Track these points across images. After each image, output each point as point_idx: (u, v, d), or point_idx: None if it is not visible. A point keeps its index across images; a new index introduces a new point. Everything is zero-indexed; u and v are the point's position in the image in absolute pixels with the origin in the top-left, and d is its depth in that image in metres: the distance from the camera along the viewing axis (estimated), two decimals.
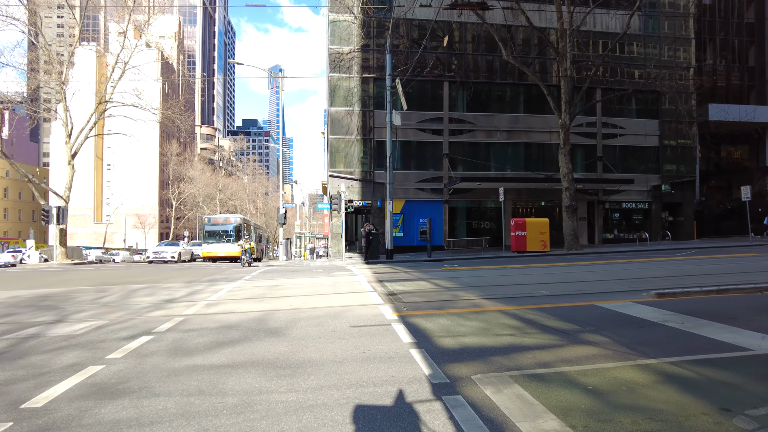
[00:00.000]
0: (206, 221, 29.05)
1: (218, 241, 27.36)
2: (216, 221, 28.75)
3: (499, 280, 11.07)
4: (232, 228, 27.60)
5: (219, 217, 29.83)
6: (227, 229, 27.66)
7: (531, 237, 22.59)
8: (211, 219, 29.13)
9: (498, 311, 6.84)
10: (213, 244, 27.38)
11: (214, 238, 27.63)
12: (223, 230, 27.80)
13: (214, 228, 28.18)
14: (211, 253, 27.15)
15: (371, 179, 27.17)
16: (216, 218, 29.23)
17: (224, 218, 28.96)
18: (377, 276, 12.53)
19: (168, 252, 28.27)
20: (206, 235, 28.16)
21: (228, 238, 27.02)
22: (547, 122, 28.80)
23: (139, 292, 10.38)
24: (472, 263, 17.48)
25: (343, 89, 27.22)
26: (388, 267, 16.67)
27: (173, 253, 28.13)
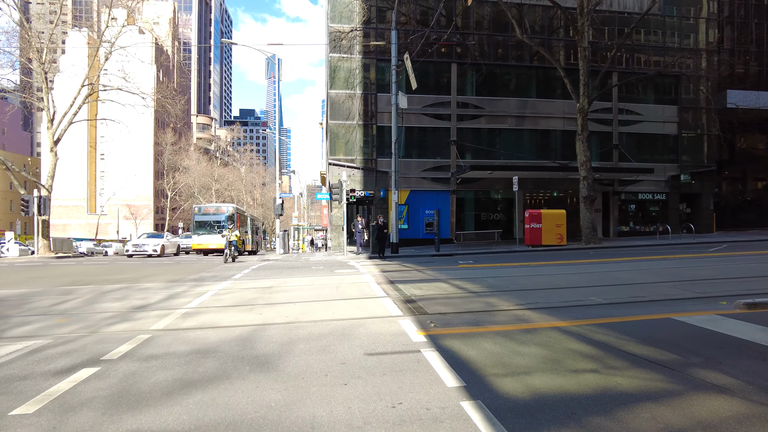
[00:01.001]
0: (196, 210, 27.10)
1: (209, 233, 25.49)
2: (207, 211, 26.81)
3: (530, 281, 9.53)
4: (225, 218, 25.64)
5: (210, 206, 27.82)
6: (219, 219, 25.74)
7: (546, 230, 21.07)
8: (201, 208, 27.14)
9: (554, 329, 5.31)
10: (204, 236, 25.55)
11: (204, 229, 25.76)
12: (214, 221, 25.85)
13: (204, 218, 26.29)
14: (202, 245, 25.37)
15: (374, 168, 25.54)
16: (207, 208, 27.33)
17: (216, 207, 27.10)
18: (386, 275, 10.99)
19: (150, 245, 25.17)
20: (196, 226, 26.26)
21: (220, 229, 25.02)
22: (560, 107, 27.16)
23: (110, 295, 8.84)
24: (487, 259, 15.94)
25: (343, 71, 25.47)
26: (396, 263, 15.12)
27: (155, 245, 25.11)
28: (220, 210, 26.68)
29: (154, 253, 24.59)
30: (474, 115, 26.45)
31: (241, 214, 29.08)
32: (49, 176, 25.25)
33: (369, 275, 11.04)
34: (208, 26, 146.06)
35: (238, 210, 27.77)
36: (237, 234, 17.17)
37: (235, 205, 27.87)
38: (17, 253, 26.45)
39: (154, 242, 25.51)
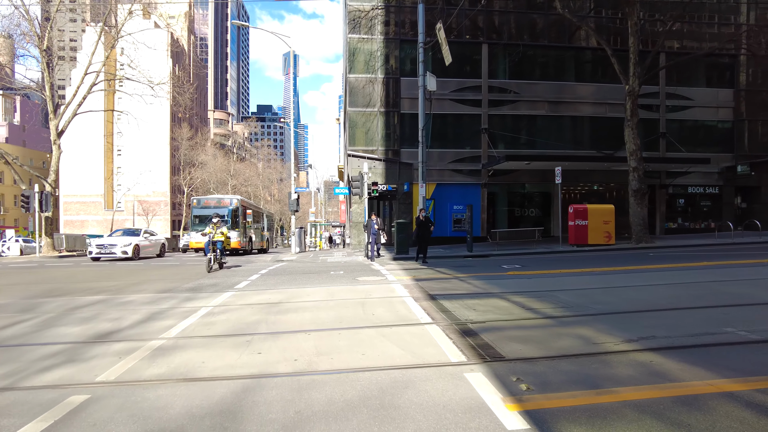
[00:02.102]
0: (194, 203, 23.87)
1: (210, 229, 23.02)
2: (207, 204, 23.53)
3: (614, 297, 7.34)
4: (228, 212, 22.57)
5: (211, 198, 24.52)
6: (221, 213, 21.99)
7: (593, 227, 18.76)
8: (200, 201, 23.93)
9: (727, 398, 3.19)
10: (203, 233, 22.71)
11: (204, 225, 21.75)
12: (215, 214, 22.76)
13: (204, 212, 23.00)
14: (201, 244, 21.78)
15: (397, 159, 23.45)
16: (207, 200, 24.05)
17: (217, 200, 23.74)
18: (422, 285, 8.93)
19: (119, 245, 19.48)
20: (195, 221, 23.16)
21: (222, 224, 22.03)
22: (600, 92, 24.62)
23: (78, 314, 7.01)
24: (534, 263, 13.74)
25: (363, 53, 23.40)
26: (427, 267, 13.03)
27: (126, 246, 19.55)
28: (222, 202, 23.38)
29: (124, 256, 19.47)
30: (507, 101, 24.12)
31: (249, 207, 25.97)
32: (52, 170, 23.86)
33: (400, 285, 9.00)
34: (224, 21, 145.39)
35: (244, 202, 24.76)
36: (224, 231, 13.35)
37: (240, 197, 24.41)
38: (18, 252, 25.19)
39: (124, 242, 19.87)
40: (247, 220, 24.34)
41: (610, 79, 24.80)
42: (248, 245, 24.70)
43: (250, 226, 25.24)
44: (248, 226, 24.63)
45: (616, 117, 24.61)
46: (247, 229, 24.42)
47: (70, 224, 75.78)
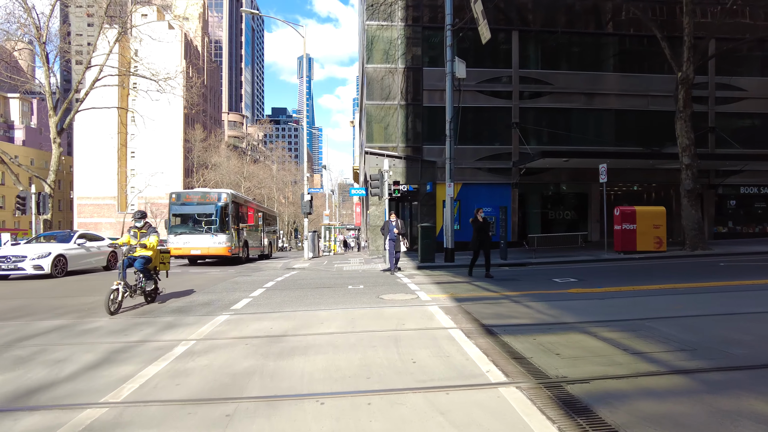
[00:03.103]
0: (173, 199, 18.63)
1: (192, 231, 17.88)
2: (189, 199, 18.56)
3: (747, 333, 5.27)
4: (216, 210, 17.96)
5: (194, 192, 19.50)
6: (207, 211, 18.05)
7: (642, 232, 16.58)
8: (180, 196, 18.77)
9: None
10: (184, 236, 17.80)
11: (186, 226, 18.15)
12: (200, 213, 18.15)
13: (185, 210, 18.42)
14: (182, 250, 17.75)
15: (418, 156, 21.53)
16: (189, 195, 18.94)
17: (202, 194, 18.89)
18: (467, 308, 6.99)
19: (29, 257, 13.22)
20: (174, 222, 18.30)
21: (209, 225, 17.95)
22: (643, 83, 22.38)
23: (20, 348, 5.27)
24: (586, 274, 11.69)
25: (382, 41, 21.55)
26: (463, 279, 11.06)
27: (39, 259, 13.28)
28: (208, 198, 18.38)
29: (37, 273, 13.16)
30: (539, 93, 22.03)
31: (245, 204, 21.14)
32: (52, 170, 22.47)
33: (437, 307, 7.08)
34: (238, 24, 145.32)
35: (237, 198, 19.61)
36: (153, 242, 7.90)
37: (232, 191, 19.44)
38: None
39: (39, 251, 13.50)
40: (242, 220, 19.96)
41: (652, 68, 22.60)
42: (243, 251, 19.76)
43: (246, 229, 20.82)
44: (243, 229, 20.01)
45: (658, 110, 22.39)
46: (242, 232, 19.65)
47: (83, 227, 75.37)
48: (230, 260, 18.87)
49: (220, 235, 17.75)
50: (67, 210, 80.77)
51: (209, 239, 17.74)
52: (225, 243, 17.76)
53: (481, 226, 11.32)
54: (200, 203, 18.39)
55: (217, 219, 17.88)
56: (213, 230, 17.84)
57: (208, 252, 17.86)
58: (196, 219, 18.21)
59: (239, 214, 19.62)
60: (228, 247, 17.80)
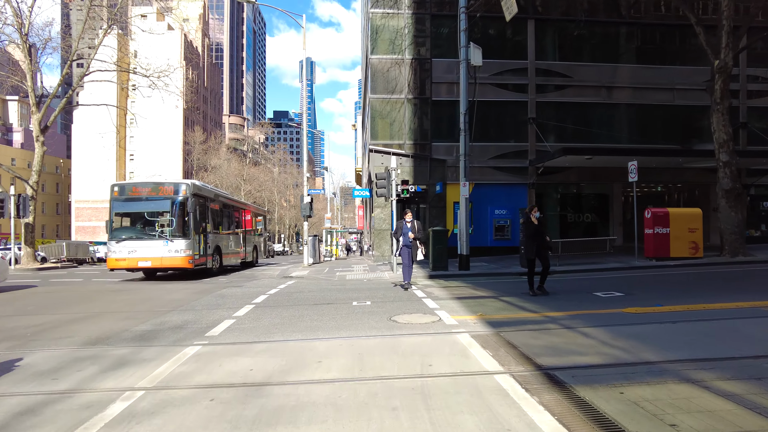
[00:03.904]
0: (116, 192, 14.06)
1: (141, 236, 13.66)
2: (136, 192, 14.08)
3: None
4: (173, 206, 13.70)
5: (143, 184, 14.72)
6: (161, 209, 13.83)
7: (676, 236, 14.98)
8: (125, 188, 14.20)
9: None
10: (130, 242, 13.50)
11: (133, 230, 13.98)
12: (152, 212, 13.92)
13: (132, 207, 14.13)
14: (126, 262, 13.48)
15: (427, 154, 19.95)
16: (137, 186, 14.33)
17: (154, 185, 14.32)
18: (508, 338, 5.41)
19: None
20: (117, 223, 14.09)
21: (162, 227, 13.66)
22: (669, 76, 20.80)
23: None
24: (625, 284, 10.09)
25: (388, 31, 20.02)
26: (490, 295, 9.47)
27: None
28: (162, 190, 14.05)
29: None
30: (557, 86, 20.43)
31: (215, 199, 16.67)
32: (34, 171, 21.00)
33: (469, 336, 5.50)
34: (240, 26, 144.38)
35: (203, 191, 15.23)
36: None
37: (194, 181, 15.07)
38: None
39: None
40: (212, 220, 15.85)
41: (678, 60, 21.04)
42: (213, 260, 15.63)
43: (219, 231, 16.78)
44: (212, 232, 15.84)
45: (685, 105, 20.84)
46: (210, 236, 15.44)
47: (81, 230, 74.05)
48: (194, 273, 14.80)
49: (178, 241, 13.41)
50: (65, 213, 79.44)
51: (162, 246, 13.37)
52: (184, 251, 13.47)
53: (536, 230, 8.84)
54: (151, 198, 13.93)
55: (173, 219, 13.61)
56: (168, 234, 13.49)
57: (162, 263, 13.51)
58: (147, 219, 13.91)
59: (207, 212, 15.39)
60: (188, 257, 13.52)
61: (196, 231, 14.15)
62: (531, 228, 8.90)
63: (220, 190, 18.79)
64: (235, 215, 19.49)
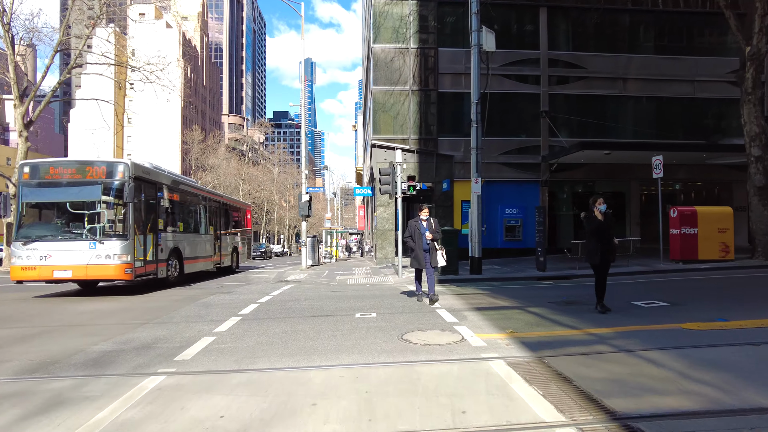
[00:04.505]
0: (26, 175, 10.34)
1: (59, 234, 10.27)
2: (54, 174, 10.32)
3: None
4: (107, 193, 10.31)
5: (64, 163, 10.66)
6: (87, 197, 10.31)
7: (705, 237, 13.84)
8: (39, 169, 10.38)
9: None
10: (43, 244, 10.04)
11: (48, 227, 10.56)
12: (75, 203, 10.36)
13: (48, 195, 10.50)
14: (37, 271, 9.99)
15: (433, 150, 18.80)
16: (55, 167, 10.44)
17: (79, 166, 10.41)
18: (551, 364, 4.25)
19: None
20: (27, 218, 10.49)
21: (90, 223, 10.24)
22: (687, 67, 19.66)
23: None
24: (667, 293, 8.94)
25: (392, 18, 18.88)
26: (515, 305, 8.33)
27: None
28: (90, 172, 10.33)
29: None
30: (570, 77, 19.29)
31: (174, 188, 13.13)
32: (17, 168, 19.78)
33: (505, 364, 4.35)
34: (239, 25, 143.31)
35: (151, 175, 11.64)
36: None
37: (137, 162, 11.13)
38: None
39: None
40: (166, 214, 12.33)
41: (700, 50, 19.90)
42: (169, 268, 12.23)
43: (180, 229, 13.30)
44: (169, 230, 12.49)
45: (707, 98, 19.72)
46: (162, 235, 11.91)
47: None
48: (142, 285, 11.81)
49: (111, 242, 9.96)
50: None
51: (88, 250, 9.86)
52: (120, 255, 9.96)
53: (601, 228, 6.80)
54: (76, 183, 10.17)
55: (105, 212, 10.20)
56: (98, 233, 10.00)
57: (87, 274, 9.89)
58: (69, 213, 10.34)
59: (159, 204, 11.87)
60: (125, 264, 10.01)
61: (139, 229, 10.67)
62: (595, 225, 6.85)
63: (183, 177, 14.72)
64: (206, 210, 15.67)
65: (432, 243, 7.99)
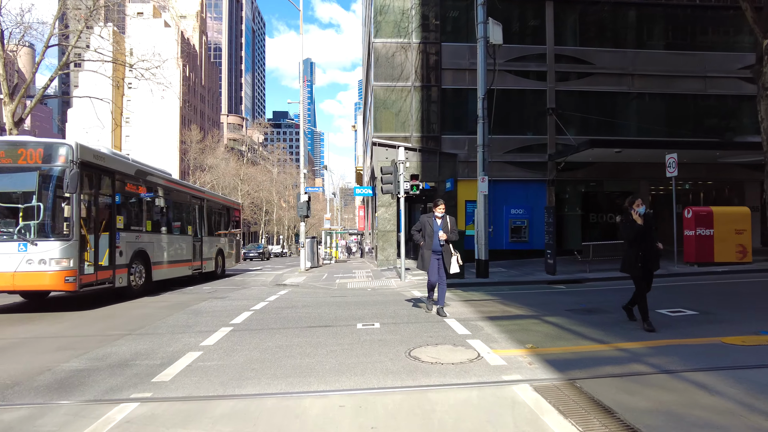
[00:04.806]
0: None
1: None
2: None
3: None
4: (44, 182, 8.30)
5: None
6: (19, 187, 8.36)
7: (721, 238, 13.27)
8: None
9: None
10: None
11: None
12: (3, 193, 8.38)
13: None
14: None
15: (436, 148, 18.22)
16: None
17: (9, 147, 8.35)
18: (586, 390, 3.65)
19: None
20: None
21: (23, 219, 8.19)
22: (699, 62, 19.10)
23: None
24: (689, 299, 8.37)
25: (393, 12, 18.30)
26: (529, 314, 7.74)
27: None
28: (22, 156, 8.30)
29: None
30: (578, 73, 18.71)
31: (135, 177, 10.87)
32: None
33: (530, 388, 3.76)
34: (238, 25, 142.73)
35: (105, 160, 9.55)
36: None
37: (82, 143, 8.86)
38: None
39: None
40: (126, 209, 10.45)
41: (711, 45, 19.35)
42: (132, 275, 10.26)
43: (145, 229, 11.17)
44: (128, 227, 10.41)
45: (719, 95, 19.19)
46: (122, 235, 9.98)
47: None
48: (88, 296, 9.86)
49: (47, 243, 8.07)
50: None
51: (17, 254, 8.00)
52: (59, 260, 8.09)
53: (641, 233, 5.87)
54: (4, 169, 8.34)
55: (42, 206, 8.16)
56: (31, 231, 8.12)
57: (14, 284, 8.05)
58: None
59: (116, 197, 9.77)
60: (66, 271, 8.14)
61: (88, 227, 8.75)
62: (634, 231, 5.87)
63: (149, 166, 12.01)
64: (184, 207, 13.89)
65: (446, 245, 6.95)
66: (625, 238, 6.06)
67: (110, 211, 9.60)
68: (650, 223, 5.95)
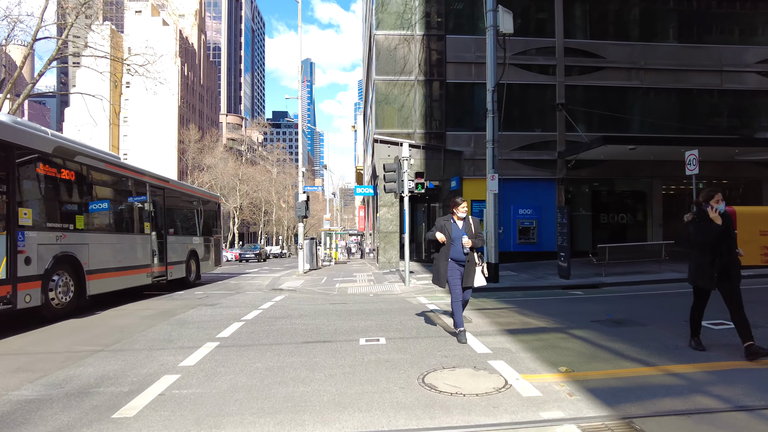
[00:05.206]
0: None
1: None
2: None
3: None
4: None
5: None
6: None
7: (745, 240, 12.37)
8: None
9: None
10: None
11: None
12: None
13: None
14: None
15: (441, 145, 17.45)
16: None
17: None
18: None
19: None
20: None
21: None
22: (716, 56, 18.31)
23: None
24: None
25: (396, 3, 17.54)
26: (555, 326, 7.00)
27: None
28: None
29: None
30: (588, 67, 17.93)
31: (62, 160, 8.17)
32: None
33: None
34: (238, 24, 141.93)
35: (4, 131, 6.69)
36: None
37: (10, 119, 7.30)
38: None
39: None
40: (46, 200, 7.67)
41: (728, 38, 18.59)
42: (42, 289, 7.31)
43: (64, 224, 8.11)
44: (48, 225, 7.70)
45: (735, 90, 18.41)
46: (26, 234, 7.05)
47: None
48: None
49: None
50: None
51: None
52: None
53: (718, 235, 4.71)
54: None
55: None
56: None
57: None
58: None
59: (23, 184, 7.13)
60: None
61: None
62: (713, 231, 4.70)
63: (82, 144, 9.45)
64: (138, 198, 11.07)
65: (471, 253, 5.63)
66: (698, 242, 4.81)
67: (8, 203, 6.69)
68: (729, 223, 4.84)
